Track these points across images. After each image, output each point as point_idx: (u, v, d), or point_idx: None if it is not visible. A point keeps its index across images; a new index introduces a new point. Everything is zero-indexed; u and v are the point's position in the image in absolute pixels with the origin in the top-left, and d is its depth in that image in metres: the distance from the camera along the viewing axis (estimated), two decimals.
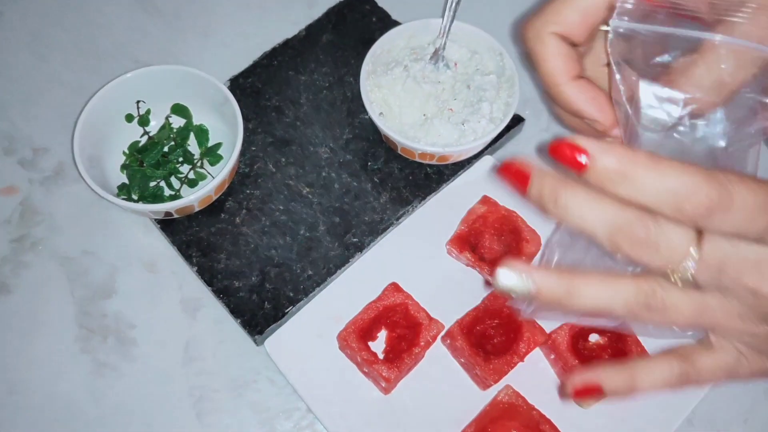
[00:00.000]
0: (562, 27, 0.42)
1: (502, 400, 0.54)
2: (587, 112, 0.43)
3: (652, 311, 0.35)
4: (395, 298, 0.56)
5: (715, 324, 0.35)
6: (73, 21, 0.74)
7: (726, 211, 0.31)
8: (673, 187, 0.31)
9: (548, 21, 0.42)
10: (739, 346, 0.37)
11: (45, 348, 0.59)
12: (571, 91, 0.43)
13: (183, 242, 0.61)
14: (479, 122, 0.59)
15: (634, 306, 0.35)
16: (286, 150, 0.65)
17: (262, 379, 0.58)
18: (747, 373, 0.38)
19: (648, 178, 0.31)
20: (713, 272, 0.33)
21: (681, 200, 0.31)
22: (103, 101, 0.60)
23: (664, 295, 0.34)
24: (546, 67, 0.43)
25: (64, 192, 0.65)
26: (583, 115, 0.43)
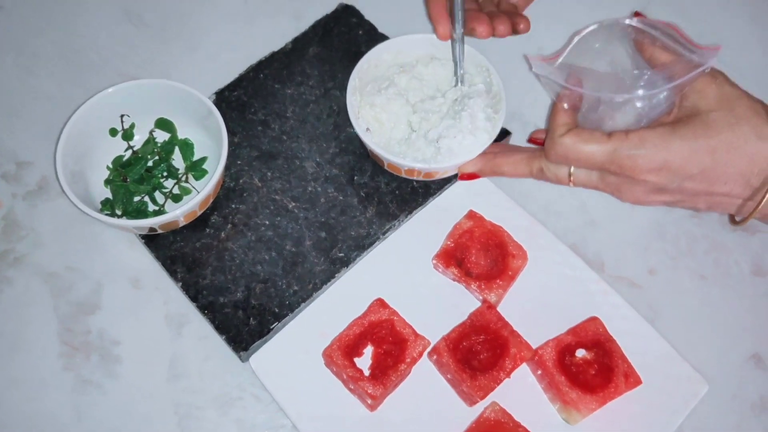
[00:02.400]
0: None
1: (489, 417, 0.53)
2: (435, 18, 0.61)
3: (545, 177, 0.59)
4: (381, 313, 0.56)
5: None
6: (58, 34, 0.73)
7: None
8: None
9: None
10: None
11: (27, 365, 0.58)
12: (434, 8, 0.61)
13: (168, 258, 0.60)
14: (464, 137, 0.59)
15: (534, 174, 0.59)
16: (272, 164, 0.64)
17: (248, 396, 0.58)
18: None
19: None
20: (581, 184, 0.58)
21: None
22: (87, 116, 0.60)
23: (548, 168, 0.58)
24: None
25: (47, 206, 0.64)
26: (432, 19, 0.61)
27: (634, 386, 0.54)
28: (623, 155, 0.52)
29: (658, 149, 0.52)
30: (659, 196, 0.55)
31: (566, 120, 0.55)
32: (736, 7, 0.76)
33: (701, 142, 0.51)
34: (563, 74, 0.56)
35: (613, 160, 0.53)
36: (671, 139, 0.52)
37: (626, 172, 0.53)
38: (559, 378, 0.54)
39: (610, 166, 0.54)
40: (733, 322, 0.61)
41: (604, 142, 0.53)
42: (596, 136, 0.54)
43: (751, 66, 0.72)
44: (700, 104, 0.53)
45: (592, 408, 0.53)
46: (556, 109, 0.56)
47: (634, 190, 0.55)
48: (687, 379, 0.56)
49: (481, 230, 0.60)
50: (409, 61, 0.64)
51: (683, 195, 0.55)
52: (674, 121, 0.54)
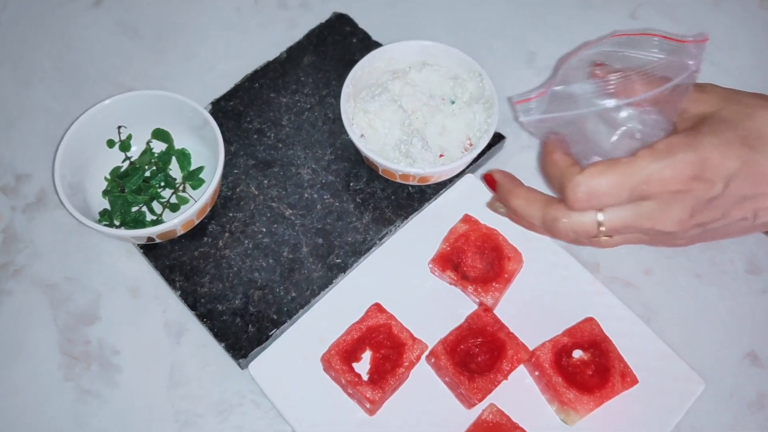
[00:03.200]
0: None
1: (487, 419, 0.54)
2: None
3: (556, 229, 0.50)
4: (378, 318, 0.57)
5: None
6: (55, 47, 0.74)
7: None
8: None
9: None
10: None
11: (28, 375, 0.59)
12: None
13: (166, 267, 0.61)
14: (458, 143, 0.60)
15: (546, 222, 0.51)
16: (269, 172, 0.65)
17: (247, 402, 0.58)
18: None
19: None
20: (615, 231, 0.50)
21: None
22: (84, 128, 0.60)
23: (568, 217, 0.50)
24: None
25: (46, 218, 0.65)
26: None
27: (631, 386, 0.55)
28: (659, 167, 0.46)
29: (691, 150, 0.46)
30: (703, 214, 0.48)
31: (570, 160, 0.50)
32: (726, 8, 0.77)
33: (729, 134, 0.47)
34: (547, 108, 0.51)
35: (649, 177, 0.46)
36: (699, 138, 0.47)
37: (667, 186, 0.47)
38: (556, 379, 0.54)
39: (648, 186, 0.47)
40: (729, 320, 0.61)
41: (632, 162, 0.47)
42: (619, 161, 0.47)
43: (741, 66, 0.73)
44: (702, 109, 0.50)
45: (589, 408, 0.54)
46: (553, 155, 0.51)
47: (674, 212, 0.48)
48: (684, 378, 0.56)
49: (477, 234, 0.60)
50: (402, 67, 0.65)
51: (729, 204, 0.48)
52: (685, 129, 0.49)
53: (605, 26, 0.75)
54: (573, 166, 0.49)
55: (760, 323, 0.61)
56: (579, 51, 0.52)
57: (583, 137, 0.51)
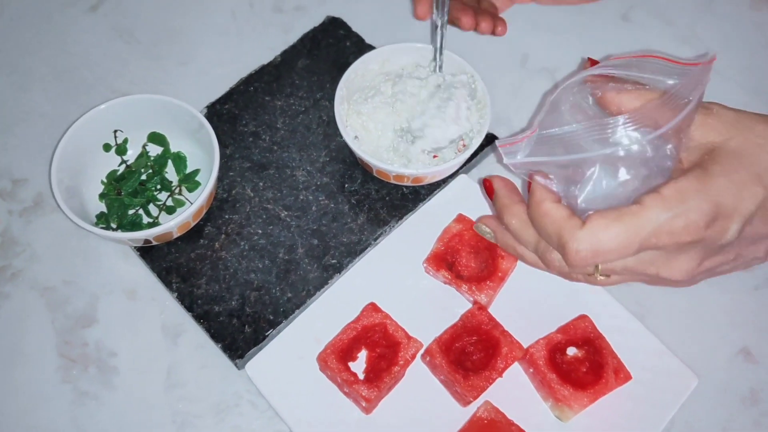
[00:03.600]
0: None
1: (482, 416, 0.54)
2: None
3: (548, 263, 0.49)
4: (373, 318, 0.57)
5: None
6: (52, 52, 0.74)
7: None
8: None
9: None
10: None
11: (26, 378, 0.59)
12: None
13: (163, 269, 0.61)
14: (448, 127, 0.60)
15: (539, 254, 0.49)
16: (264, 174, 0.65)
17: (244, 402, 0.58)
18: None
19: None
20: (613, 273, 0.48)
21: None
22: (80, 132, 0.61)
23: (556, 254, 0.47)
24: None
25: (43, 222, 0.65)
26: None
27: (625, 382, 0.55)
28: (669, 218, 0.42)
29: (703, 196, 0.42)
30: (713, 260, 0.46)
31: (566, 211, 0.45)
32: (717, 10, 0.77)
33: (742, 173, 0.43)
34: (533, 150, 0.47)
35: (659, 230, 0.42)
36: (711, 181, 0.43)
37: (678, 238, 0.42)
38: (550, 376, 0.55)
39: (657, 239, 0.43)
40: (722, 316, 0.61)
41: (639, 213, 0.43)
42: (624, 212, 0.43)
43: (732, 68, 0.74)
44: (709, 138, 0.45)
45: (583, 404, 0.54)
46: (543, 205, 0.46)
47: (682, 263, 0.44)
48: (677, 374, 0.57)
49: (471, 233, 0.60)
50: (395, 69, 0.65)
51: (742, 246, 0.46)
52: (692, 166, 0.45)
53: (597, 28, 0.76)
54: (571, 219, 0.44)
55: (752, 319, 0.61)
56: (565, 82, 0.48)
57: (574, 180, 0.47)
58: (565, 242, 0.44)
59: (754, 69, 0.74)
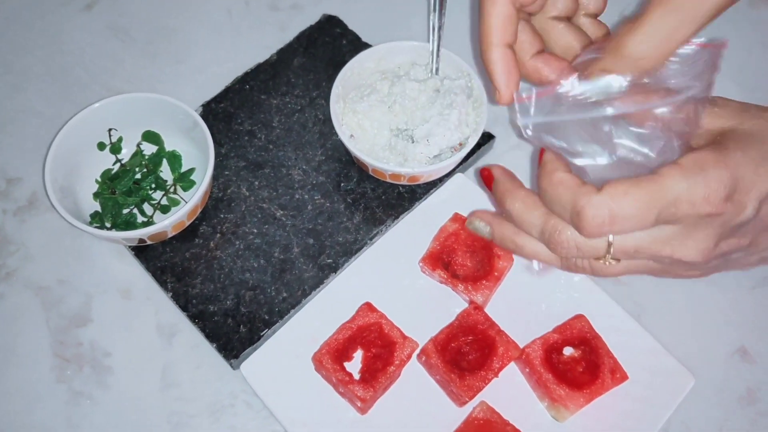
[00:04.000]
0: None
1: (477, 416, 0.54)
2: (495, 80, 0.47)
3: (556, 245, 0.45)
4: (369, 317, 0.57)
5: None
6: (46, 51, 0.74)
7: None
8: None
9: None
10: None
11: (20, 378, 0.59)
12: (494, 55, 0.47)
13: (157, 268, 0.61)
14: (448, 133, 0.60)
15: (546, 235, 0.45)
16: (259, 173, 0.65)
17: (240, 403, 0.58)
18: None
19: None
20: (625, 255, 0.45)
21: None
22: (74, 131, 0.60)
23: (566, 233, 0.44)
24: (485, 25, 0.46)
25: (38, 221, 0.65)
26: (492, 80, 0.47)
27: (621, 382, 0.55)
28: (689, 186, 0.40)
29: (723, 166, 0.41)
30: (729, 242, 0.44)
31: (579, 179, 0.43)
32: None
33: (758, 150, 0.42)
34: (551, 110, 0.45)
35: (679, 198, 0.40)
36: (728, 153, 0.41)
37: (698, 208, 0.41)
38: (546, 376, 0.55)
39: (676, 209, 0.41)
40: (719, 316, 0.61)
41: (658, 180, 0.41)
42: (642, 179, 0.41)
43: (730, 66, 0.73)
44: (718, 124, 0.45)
45: (580, 404, 0.54)
46: (555, 173, 0.44)
47: (699, 240, 0.42)
48: (673, 374, 0.56)
49: (467, 232, 0.60)
50: (391, 67, 0.65)
51: (757, 231, 0.44)
52: (706, 144, 0.44)
53: None
54: (586, 185, 0.42)
55: (749, 319, 0.61)
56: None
57: (579, 154, 0.45)
58: (581, 207, 0.41)
59: (752, 67, 0.74)
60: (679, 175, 0.41)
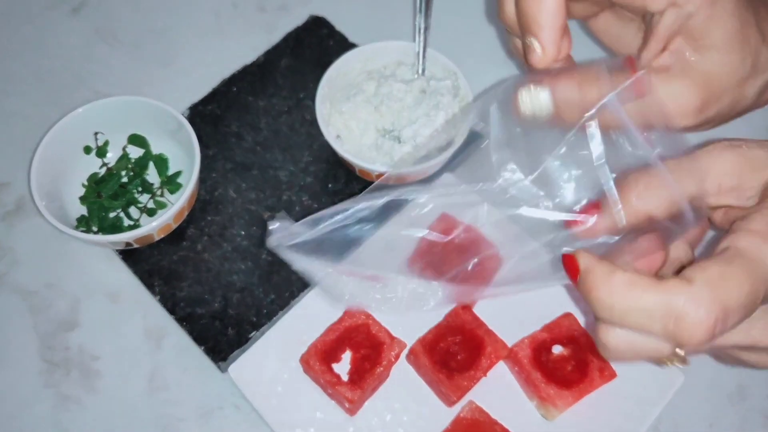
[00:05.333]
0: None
1: (465, 416, 0.54)
2: (542, 31, 0.39)
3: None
4: (356, 318, 0.57)
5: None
6: (32, 54, 0.74)
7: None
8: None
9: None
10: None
11: (8, 383, 0.58)
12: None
13: (145, 271, 0.61)
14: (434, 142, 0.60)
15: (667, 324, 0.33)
16: (247, 175, 0.65)
17: (228, 405, 0.58)
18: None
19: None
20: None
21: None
22: (60, 135, 0.60)
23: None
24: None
25: (25, 226, 0.65)
26: (533, 31, 0.40)
27: (610, 379, 0.55)
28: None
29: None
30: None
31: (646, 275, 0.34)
32: None
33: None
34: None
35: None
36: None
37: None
38: (535, 375, 0.54)
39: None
40: None
41: (744, 255, 0.33)
42: (729, 258, 0.34)
43: None
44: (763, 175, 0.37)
45: (569, 403, 0.54)
46: (617, 276, 0.34)
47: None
48: (662, 371, 0.56)
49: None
50: (377, 68, 0.65)
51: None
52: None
53: None
54: (664, 279, 0.33)
55: None
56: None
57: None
58: (681, 309, 0.32)
59: None
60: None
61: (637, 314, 0.33)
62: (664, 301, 0.32)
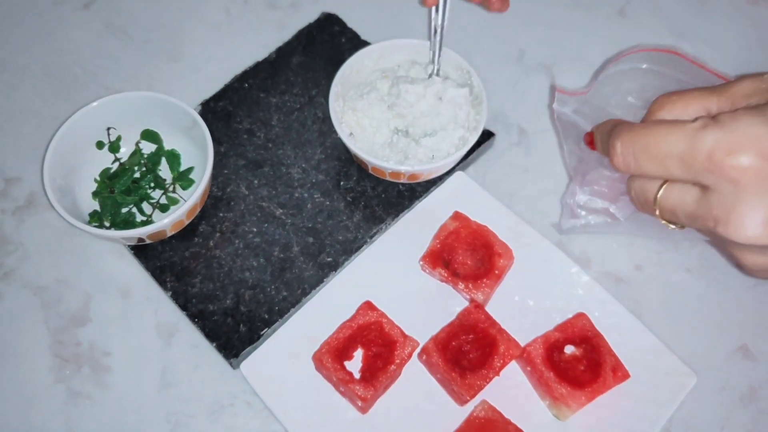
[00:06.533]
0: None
1: (478, 415, 0.54)
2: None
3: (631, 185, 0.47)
4: (369, 316, 0.56)
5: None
6: (44, 50, 0.74)
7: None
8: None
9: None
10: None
11: (19, 378, 0.58)
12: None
13: (157, 267, 0.61)
14: (449, 139, 0.60)
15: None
16: (259, 172, 0.65)
17: (239, 402, 0.58)
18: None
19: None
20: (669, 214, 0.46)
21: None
22: (72, 130, 0.60)
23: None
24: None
25: (36, 221, 0.65)
26: None
27: (623, 380, 0.55)
28: (715, 136, 0.38)
29: (763, 121, 0.38)
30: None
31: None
32: (714, 5, 0.77)
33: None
34: (583, 113, 0.54)
35: (697, 144, 0.39)
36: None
37: (728, 161, 0.38)
38: (547, 374, 0.54)
39: (698, 158, 0.39)
40: (720, 314, 0.61)
41: (683, 124, 0.40)
42: (670, 122, 0.42)
43: (729, 64, 0.73)
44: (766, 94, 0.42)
45: (581, 403, 0.54)
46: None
47: (750, 210, 0.38)
48: (675, 372, 0.56)
49: (467, 231, 0.60)
50: (391, 66, 0.65)
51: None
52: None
53: (594, 23, 0.75)
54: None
55: (751, 317, 0.61)
56: (618, 59, 0.56)
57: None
58: (612, 140, 0.45)
59: (752, 64, 0.73)
60: (707, 123, 0.39)
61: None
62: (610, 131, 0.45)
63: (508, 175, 0.67)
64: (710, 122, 0.40)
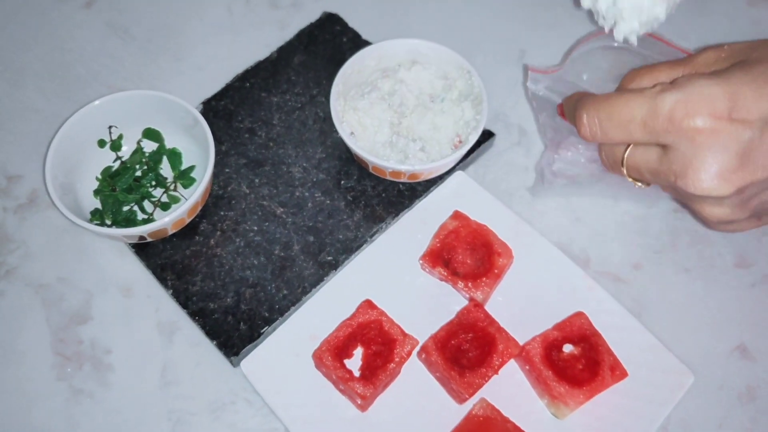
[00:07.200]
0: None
1: (477, 413, 0.54)
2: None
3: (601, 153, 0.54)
4: (369, 314, 0.57)
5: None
6: (46, 48, 0.74)
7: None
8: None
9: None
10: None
11: (20, 376, 0.59)
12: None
13: (158, 266, 0.61)
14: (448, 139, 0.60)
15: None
16: (260, 171, 0.65)
17: (240, 400, 0.58)
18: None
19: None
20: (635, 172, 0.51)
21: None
22: (74, 128, 0.60)
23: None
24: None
25: (38, 219, 0.65)
26: None
27: (621, 379, 0.55)
28: (673, 98, 0.41)
29: (717, 83, 0.41)
30: (741, 173, 0.41)
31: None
32: (714, 6, 0.77)
33: (763, 68, 0.41)
34: (556, 90, 0.58)
35: (656, 108, 0.42)
36: (728, 74, 0.42)
37: (685, 121, 0.41)
38: (546, 373, 0.55)
39: (657, 120, 0.42)
40: (718, 313, 0.61)
41: (642, 90, 0.44)
42: (631, 90, 0.46)
43: None
44: (726, 65, 0.45)
45: (579, 402, 0.54)
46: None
47: (705, 164, 0.41)
48: (673, 371, 0.57)
49: (467, 230, 0.60)
50: (392, 65, 0.65)
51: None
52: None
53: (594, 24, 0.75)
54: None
55: (749, 316, 0.61)
56: (588, 39, 0.60)
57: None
58: (578, 110, 0.49)
59: None
60: (665, 87, 0.43)
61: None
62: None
63: (508, 175, 0.67)
64: (668, 86, 0.43)
